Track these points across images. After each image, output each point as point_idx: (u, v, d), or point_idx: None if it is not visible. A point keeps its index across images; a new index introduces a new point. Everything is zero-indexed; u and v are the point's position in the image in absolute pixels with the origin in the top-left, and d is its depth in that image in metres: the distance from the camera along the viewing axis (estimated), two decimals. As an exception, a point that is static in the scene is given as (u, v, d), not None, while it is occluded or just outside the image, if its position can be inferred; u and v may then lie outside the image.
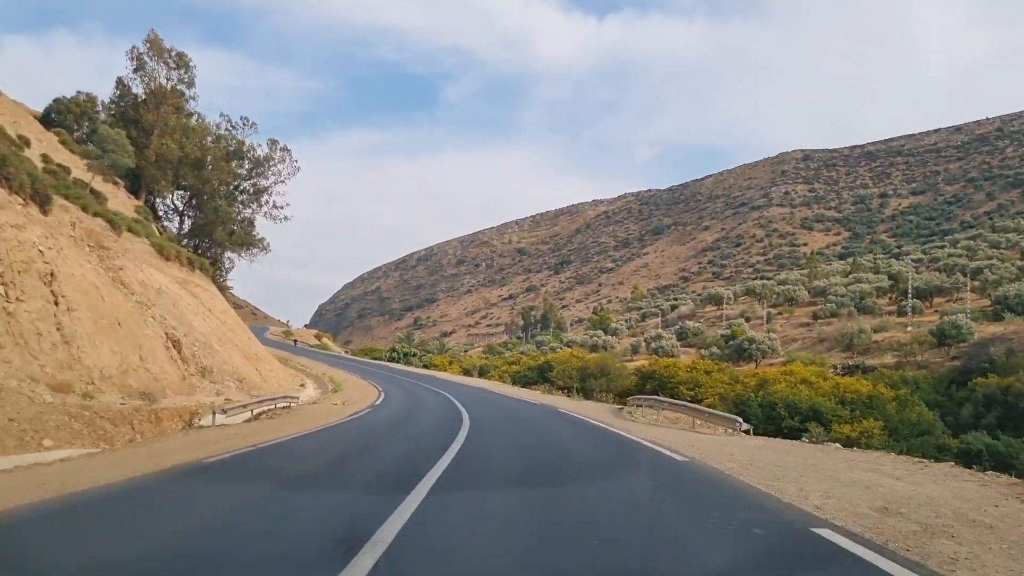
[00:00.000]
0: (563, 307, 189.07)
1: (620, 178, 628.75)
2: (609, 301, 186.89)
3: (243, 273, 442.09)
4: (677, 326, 68.78)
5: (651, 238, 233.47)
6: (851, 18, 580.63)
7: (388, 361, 60.06)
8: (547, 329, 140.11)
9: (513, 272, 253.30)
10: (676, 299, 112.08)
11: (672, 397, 24.36)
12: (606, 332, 72.14)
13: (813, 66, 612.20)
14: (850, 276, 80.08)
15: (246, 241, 49.35)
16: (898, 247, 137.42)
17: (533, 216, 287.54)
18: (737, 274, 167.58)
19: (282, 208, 50.35)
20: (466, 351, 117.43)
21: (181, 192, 43.91)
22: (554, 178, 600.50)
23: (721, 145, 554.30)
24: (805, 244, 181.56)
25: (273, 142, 48.55)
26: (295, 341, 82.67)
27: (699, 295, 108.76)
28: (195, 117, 41.43)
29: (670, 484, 10.40)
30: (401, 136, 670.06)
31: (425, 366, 53.83)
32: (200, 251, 43.81)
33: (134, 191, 37.02)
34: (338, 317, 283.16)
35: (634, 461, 13.02)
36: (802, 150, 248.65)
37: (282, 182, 49.26)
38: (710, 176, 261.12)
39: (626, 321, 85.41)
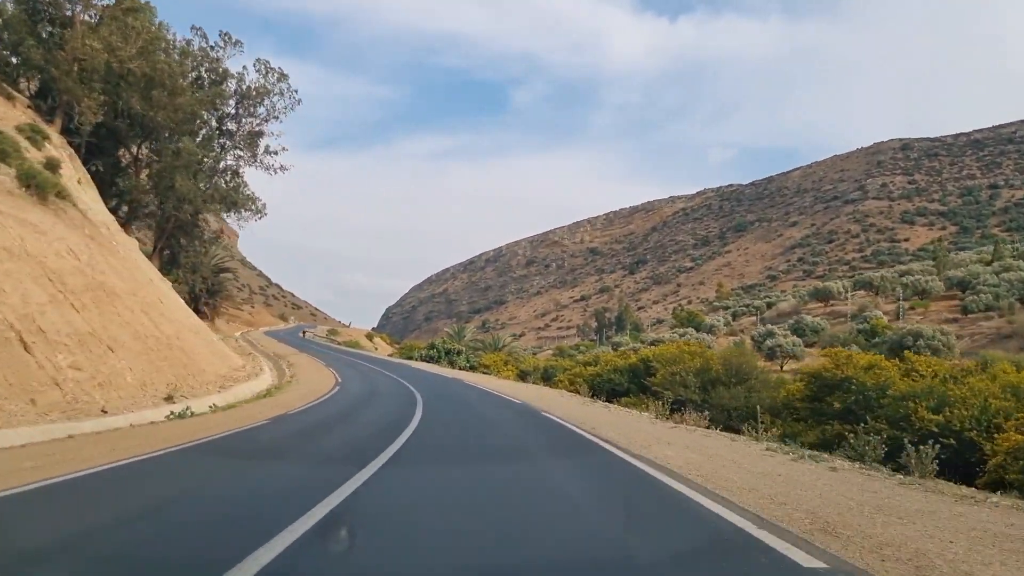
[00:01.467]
0: (639, 308, 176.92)
1: (691, 181, 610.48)
2: (689, 302, 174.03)
3: (317, 277, 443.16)
4: (789, 322, 56.09)
5: (733, 235, 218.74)
6: (937, 7, 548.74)
7: (423, 361, 48.22)
8: (622, 331, 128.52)
9: (585, 273, 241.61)
10: (775, 295, 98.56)
11: (896, 426, 12.62)
12: (698, 330, 59.98)
13: (895, 61, 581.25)
14: (994, 264, 65.91)
15: (228, 198, 39.47)
16: (1012, 242, 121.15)
17: (606, 214, 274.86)
18: (831, 272, 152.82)
19: (276, 154, 40.11)
20: (534, 354, 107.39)
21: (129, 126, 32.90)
22: (623, 181, 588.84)
23: (797, 146, 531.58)
24: (906, 240, 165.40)
25: (265, 66, 38.88)
26: (303, 333, 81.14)
27: (798, 290, 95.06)
28: (151, 23, 30.20)
29: None
30: (470, 141, 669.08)
31: (472, 367, 43.47)
32: (164, 212, 34.63)
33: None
34: (405, 320, 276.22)
35: None
36: (900, 139, 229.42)
37: (276, 118, 39.56)
38: (797, 169, 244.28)
39: (723, 318, 72.77)
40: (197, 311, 47.89)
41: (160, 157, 31.82)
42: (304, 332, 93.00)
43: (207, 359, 23.83)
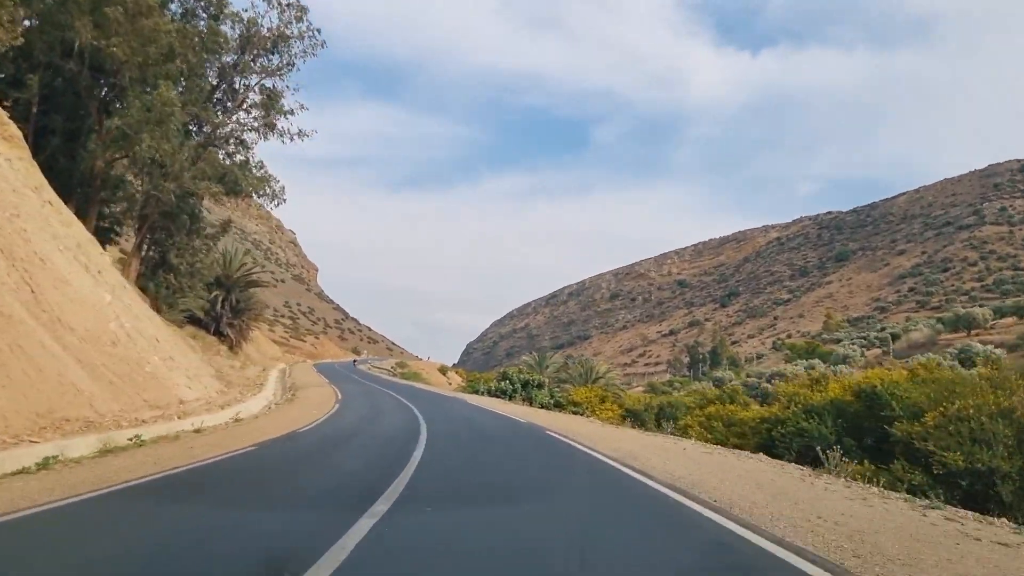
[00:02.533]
0: (733, 342, 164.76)
1: (778, 214, 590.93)
2: (789, 335, 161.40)
3: (399, 314, 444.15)
4: (950, 351, 45.38)
5: (834, 265, 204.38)
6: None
7: (493, 396, 37.43)
8: (718, 366, 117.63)
9: (673, 306, 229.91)
10: (893, 326, 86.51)
11: None
12: (825, 361, 49.62)
13: (1006, 82, 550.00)
14: None
15: (229, 176, 29.60)
16: None
17: (695, 245, 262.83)
18: (948, 302, 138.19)
19: (292, 114, 30.97)
20: (624, 390, 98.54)
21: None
22: (708, 215, 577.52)
23: (890, 175, 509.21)
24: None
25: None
26: (356, 362, 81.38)
27: (927, 319, 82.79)
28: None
29: None
30: (551, 178, 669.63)
31: (558, 404, 32.99)
32: (140, 194, 27.11)
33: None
34: (486, 356, 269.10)
35: None
36: (1019, 160, 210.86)
37: (291, 65, 29.84)
38: (902, 195, 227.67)
39: (855, 348, 61.80)
40: (218, 333, 40.69)
41: (124, 106, 24.28)
42: (356, 362, 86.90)
43: (166, 386, 16.25)
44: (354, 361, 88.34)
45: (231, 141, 30.60)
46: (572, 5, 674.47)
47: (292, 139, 30.35)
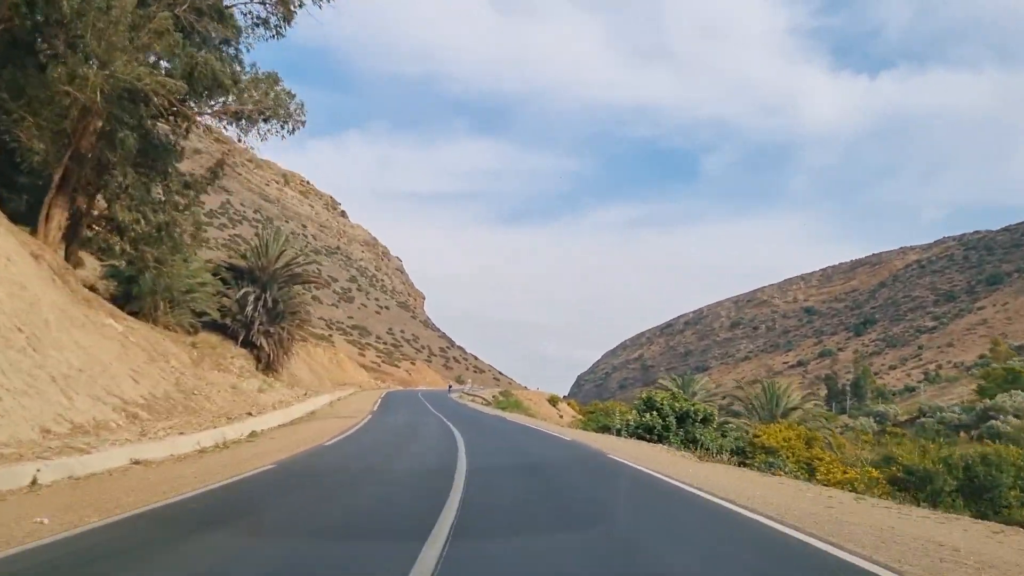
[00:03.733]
0: (874, 374, 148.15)
1: (901, 240, 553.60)
2: (939, 366, 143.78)
3: (507, 346, 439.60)
4: None
5: (985, 289, 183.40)
6: None
7: (636, 437, 25.18)
8: (861, 399, 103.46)
9: (800, 335, 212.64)
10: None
11: None
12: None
13: None
14: None
15: (197, 68, 19.47)
16: None
17: (823, 270, 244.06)
18: None
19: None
20: (833, 431, 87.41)
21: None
22: (825, 243, 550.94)
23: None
24: None
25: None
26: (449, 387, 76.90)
27: None
28: None
29: None
30: (660, 209, 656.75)
31: (740, 452, 20.58)
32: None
33: None
34: (598, 388, 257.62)
35: None
36: None
37: None
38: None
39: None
40: (250, 344, 32.82)
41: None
42: (452, 389, 78.89)
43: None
44: (449, 387, 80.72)
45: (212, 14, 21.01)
46: (679, 35, 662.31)
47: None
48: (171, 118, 21.58)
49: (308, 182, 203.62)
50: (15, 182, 20.51)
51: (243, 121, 21.34)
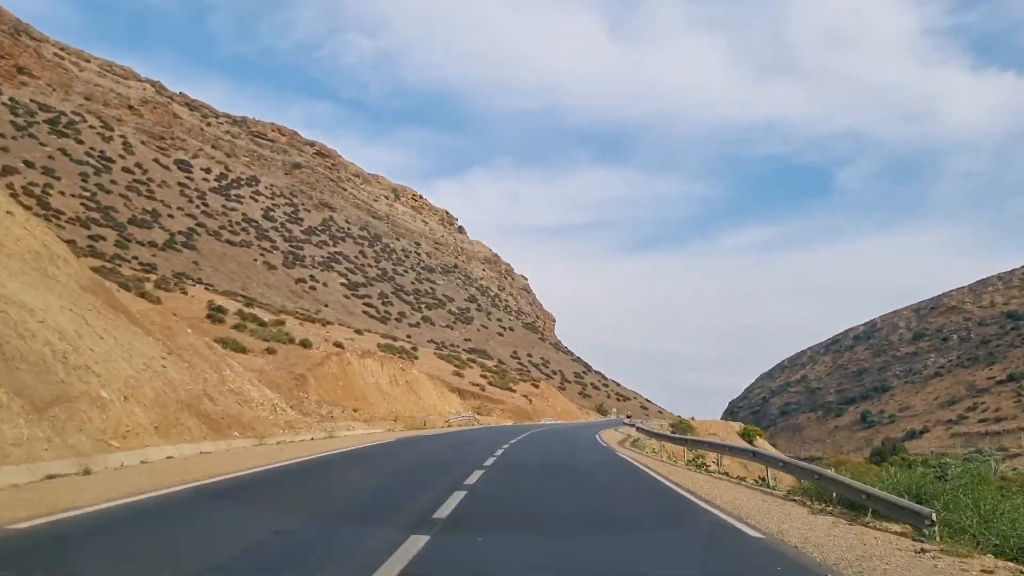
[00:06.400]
0: None
1: None
2: None
3: (640, 375, 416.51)
4: None
5: None
6: None
7: None
8: None
9: (1006, 344, 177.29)
10: None
11: None
12: None
13: None
14: None
15: None
16: None
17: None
18: None
19: None
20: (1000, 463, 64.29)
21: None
22: (979, 255, 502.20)
23: None
24: None
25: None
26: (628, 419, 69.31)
27: None
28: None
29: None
30: (795, 228, 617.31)
31: None
32: None
33: None
34: (755, 415, 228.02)
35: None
36: None
37: None
38: None
39: None
40: None
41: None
42: (629, 420, 64.13)
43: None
44: (624, 417, 61.73)
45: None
46: (803, 47, 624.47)
47: None
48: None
49: (420, 196, 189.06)
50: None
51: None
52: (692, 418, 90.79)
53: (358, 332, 70.93)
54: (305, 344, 35.90)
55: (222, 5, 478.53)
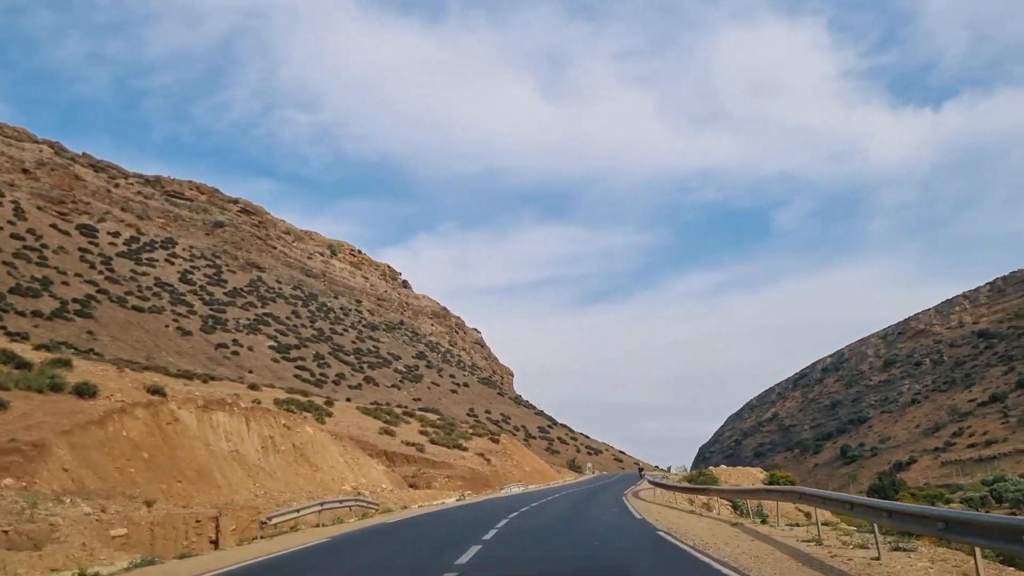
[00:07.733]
0: None
1: (997, 270, 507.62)
2: None
3: (600, 429, 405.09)
4: None
5: None
6: None
7: None
8: None
9: (982, 365, 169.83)
10: None
11: None
12: None
13: None
14: None
15: None
16: None
17: (988, 285, 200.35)
18: None
19: None
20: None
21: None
22: (917, 286, 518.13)
23: None
24: None
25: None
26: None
27: None
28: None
29: None
30: (740, 271, 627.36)
31: None
32: None
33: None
34: (729, 458, 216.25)
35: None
36: None
37: None
38: None
39: None
40: None
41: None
42: (645, 477, 56.56)
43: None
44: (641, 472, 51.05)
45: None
46: (731, 97, 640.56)
47: None
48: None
49: (360, 252, 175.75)
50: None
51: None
52: (709, 468, 79.41)
53: (252, 387, 57.56)
54: (82, 392, 22.81)
55: (155, 90, 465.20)
